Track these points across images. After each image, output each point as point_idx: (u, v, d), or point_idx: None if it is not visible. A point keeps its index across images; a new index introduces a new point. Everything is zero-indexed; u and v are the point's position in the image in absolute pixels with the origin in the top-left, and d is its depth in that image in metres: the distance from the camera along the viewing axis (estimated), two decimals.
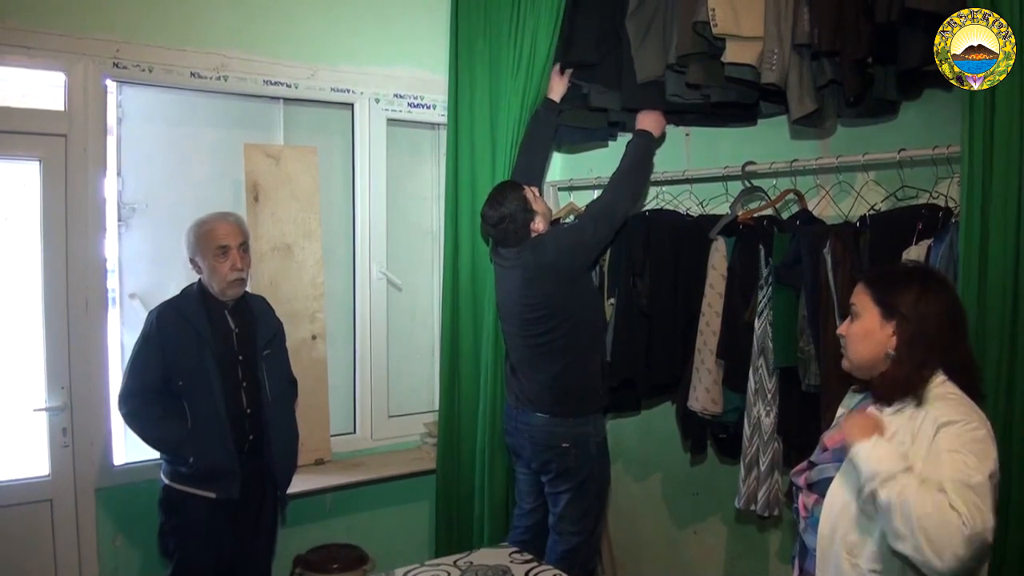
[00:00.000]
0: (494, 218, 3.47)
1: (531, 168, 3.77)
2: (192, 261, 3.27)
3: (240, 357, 3.29)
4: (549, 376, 3.47)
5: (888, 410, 2.09)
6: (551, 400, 3.48)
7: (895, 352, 2.07)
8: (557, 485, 3.52)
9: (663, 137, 3.74)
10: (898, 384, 2.05)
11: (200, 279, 3.29)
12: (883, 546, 1.97)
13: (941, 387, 2.04)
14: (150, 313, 3.26)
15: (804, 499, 2.23)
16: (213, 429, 3.16)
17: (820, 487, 2.17)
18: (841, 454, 2.13)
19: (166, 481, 3.23)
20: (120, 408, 3.20)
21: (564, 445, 3.46)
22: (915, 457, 1.96)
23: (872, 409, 2.14)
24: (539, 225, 3.49)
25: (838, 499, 2.08)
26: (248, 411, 3.29)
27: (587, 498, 3.52)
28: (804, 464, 2.29)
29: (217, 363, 3.20)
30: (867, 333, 2.12)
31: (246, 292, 3.38)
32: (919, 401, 2.02)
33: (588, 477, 3.50)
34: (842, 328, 2.22)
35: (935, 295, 2.06)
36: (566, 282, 3.43)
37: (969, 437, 1.91)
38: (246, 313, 3.36)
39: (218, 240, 3.21)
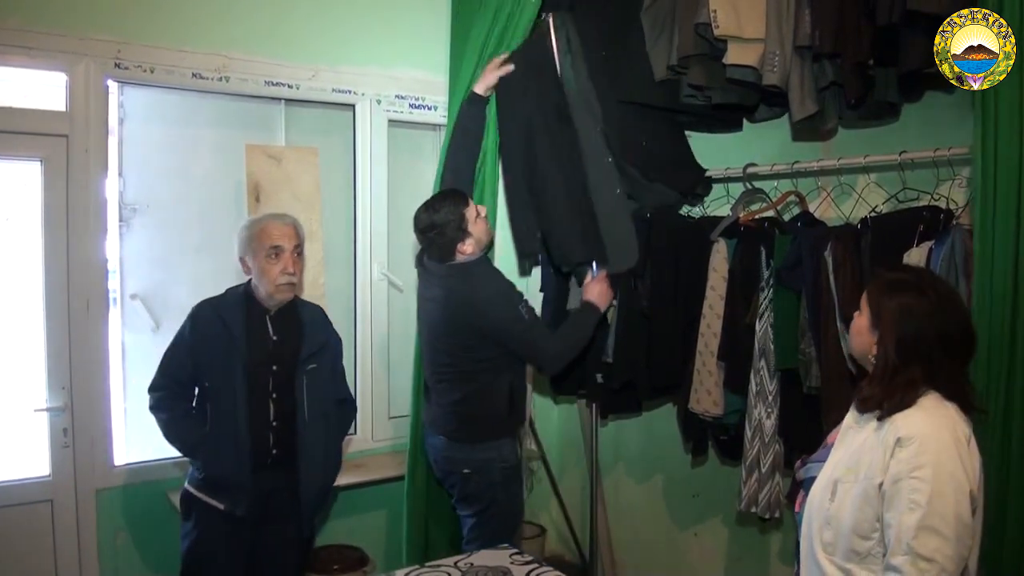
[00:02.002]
0: (423, 223, 3.29)
1: (457, 171, 3.59)
2: (241, 260, 3.16)
3: (274, 367, 3.13)
4: (451, 401, 3.37)
5: (862, 416, 2.09)
6: (452, 425, 3.38)
7: (874, 359, 2.06)
8: (461, 509, 3.46)
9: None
10: (874, 396, 2.02)
11: (249, 280, 3.18)
12: (852, 545, 1.98)
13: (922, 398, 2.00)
14: (193, 308, 3.17)
15: (799, 497, 2.25)
16: (229, 438, 3.04)
17: (807, 485, 2.18)
18: (827, 452, 2.14)
19: (186, 485, 3.15)
20: (149, 398, 3.15)
21: (465, 471, 3.37)
22: (874, 466, 1.95)
23: (848, 417, 2.15)
24: (468, 248, 3.28)
25: (816, 497, 2.09)
26: (274, 424, 3.12)
27: (491, 524, 3.39)
28: (799, 462, 2.31)
29: (246, 370, 3.07)
30: (860, 331, 2.13)
31: (298, 299, 3.27)
32: (886, 415, 1.98)
33: (491, 503, 3.38)
34: (855, 316, 2.21)
35: (925, 309, 1.98)
36: (479, 329, 3.29)
37: (917, 464, 1.88)
38: (292, 321, 3.21)
39: (271, 240, 3.09)
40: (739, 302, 3.42)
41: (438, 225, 3.25)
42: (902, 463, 1.90)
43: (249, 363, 3.08)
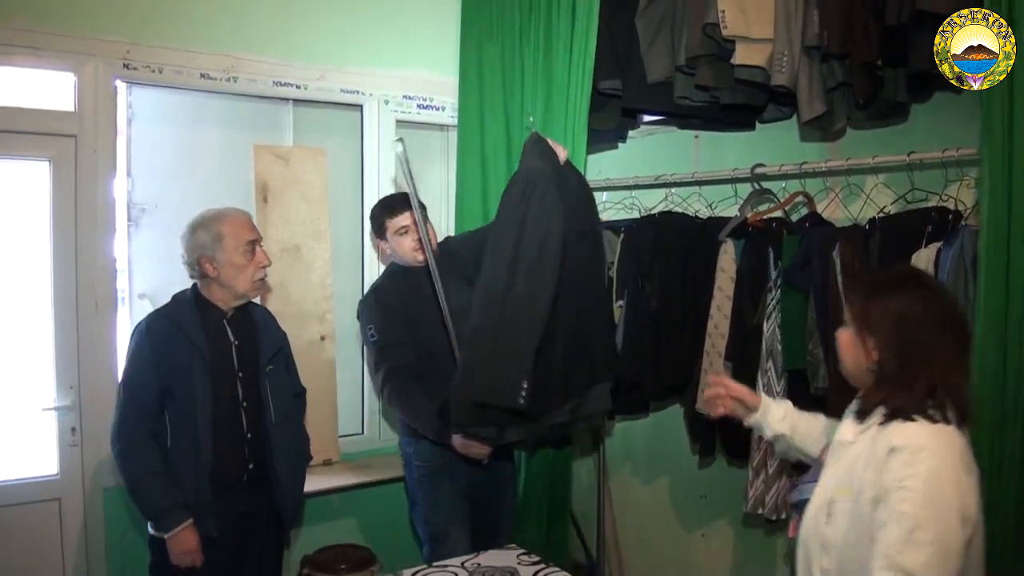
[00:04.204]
0: None
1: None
2: (200, 261, 2.93)
3: (240, 374, 2.95)
4: None
5: (859, 427, 1.98)
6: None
7: (876, 367, 1.96)
8: None
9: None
10: (880, 401, 1.92)
11: (195, 284, 3.01)
12: (851, 570, 1.88)
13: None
14: (138, 325, 2.96)
15: (794, 521, 2.13)
16: (189, 457, 2.81)
17: (800, 508, 2.07)
18: (818, 474, 2.05)
19: (150, 530, 2.89)
20: (112, 445, 2.85)
21: (400, 458, 3.54)
22: (867, 479, 1.86)
23: (842, 431, 2.04)
24: (385, 248, 3.47)
25: (810, 520, 1.99)
26: (249, 435, 2.95)
27: (417, 520, 3.48)
28: (790, 483, 2.21)
29: (212, 380, 2.85)
30: (850, 343, 2.01)
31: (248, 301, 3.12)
32: (889, 419, 1.89)
33: (414, 498, 3.46)
34: (838, 333, 2.10)
35: (919, 306, 1.90)
36: None
37: (907, 473, 1.79)
38: (247, 324, 3.04)
39: (248, 234, 2.95)
40: (747, 303, 3.41)
41: (372, 212, 3.45)
42: (893, 472, 1.80)
43: (215, 372, 2.88)
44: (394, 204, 3.36)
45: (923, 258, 2.82)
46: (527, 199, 2.86)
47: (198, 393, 2.83)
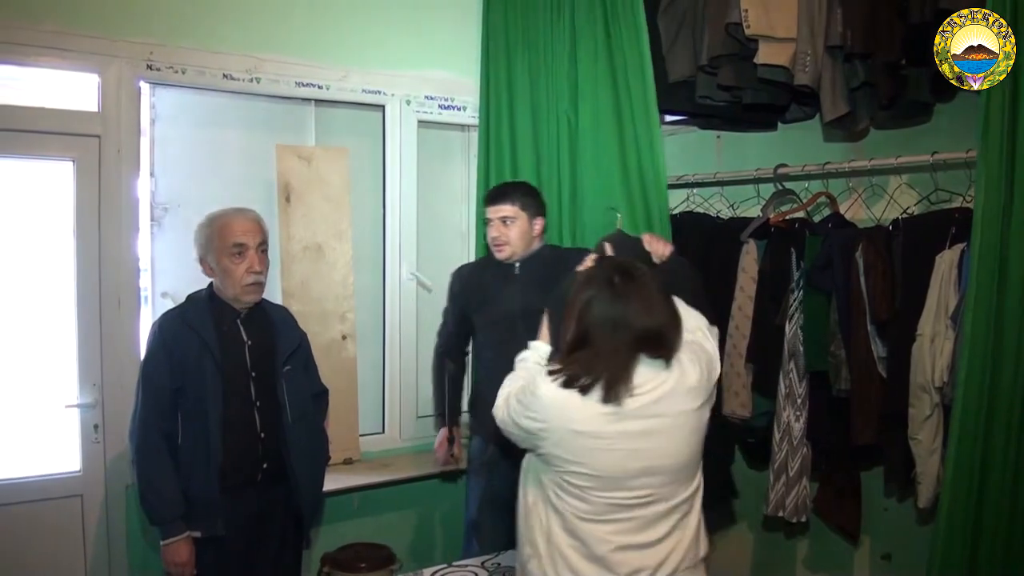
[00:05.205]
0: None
1: None
2: (202, 261, 2.98)
3: (253, 374, 2.95)
4: None
5: None
6: None
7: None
8: None
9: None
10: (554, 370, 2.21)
11: (211, 284, 3.01)
12: None
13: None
14: (154, 324, 3.00)
15: None
16: (201, 455, 2.83)
17: None
18: None
19: None
20: (130, 439, 2.90)
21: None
22: None
23: None
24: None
25: None
26: (262, 435, 2.95)
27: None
28: None
29: (223, 380, 2.86)
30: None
31: (264, 300, 3.10)
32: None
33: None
34: None
35: (597, 303, 2.15)
36: None
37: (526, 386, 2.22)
38: (263, 323, 3.03)
39: (234, 237, 2.90)
40: (768, 303, 3.40)
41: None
42: None
43: (227, 371, 2.88)
44: (489, 194, 3.50)
45: (946, 259, 2.80)
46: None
47: (209, 392, 2.84)
